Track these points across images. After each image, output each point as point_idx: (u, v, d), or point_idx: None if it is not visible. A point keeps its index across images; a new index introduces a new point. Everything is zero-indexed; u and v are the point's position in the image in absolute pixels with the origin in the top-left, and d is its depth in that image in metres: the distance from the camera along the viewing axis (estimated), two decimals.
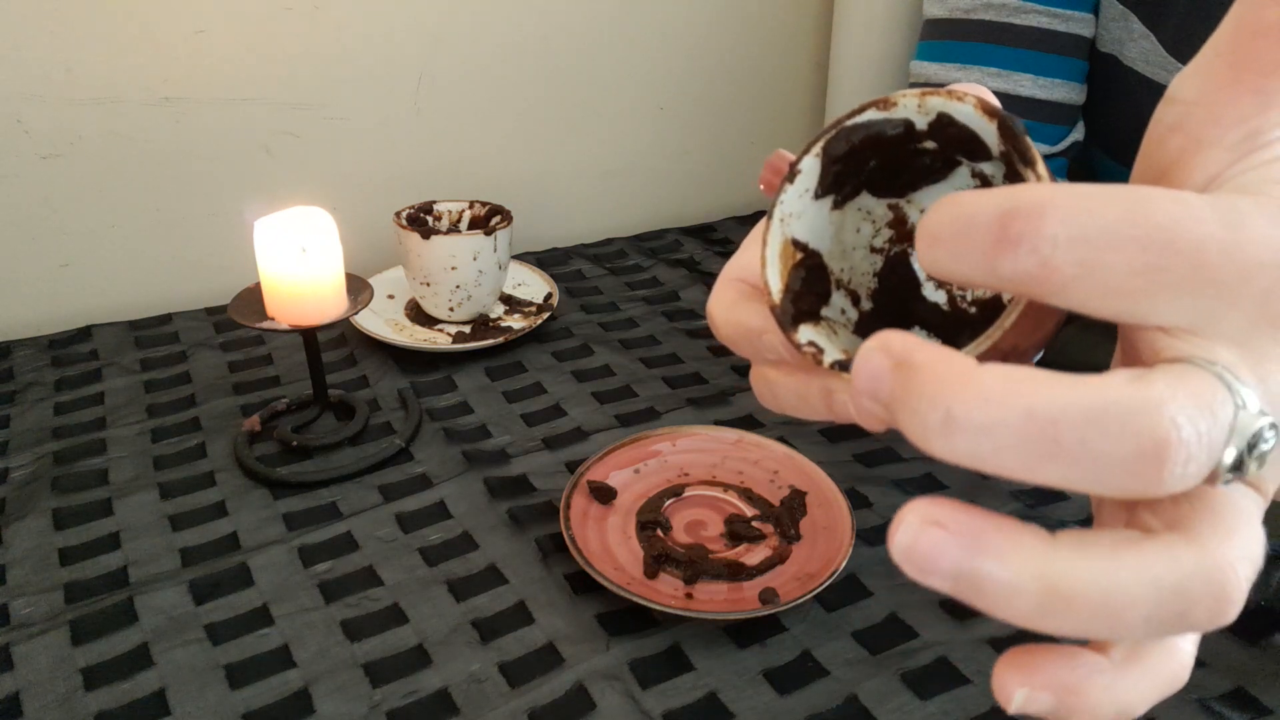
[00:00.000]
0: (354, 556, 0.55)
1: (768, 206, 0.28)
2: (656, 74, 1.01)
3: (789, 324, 0.27)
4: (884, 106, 0.26)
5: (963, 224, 0.18)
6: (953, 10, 0.61)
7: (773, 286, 0.28)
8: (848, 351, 0.28)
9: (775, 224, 0.28)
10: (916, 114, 0.26)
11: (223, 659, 0.48)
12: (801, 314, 0.28)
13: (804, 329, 0.28)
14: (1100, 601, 0.17)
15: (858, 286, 0.31)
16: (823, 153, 0.28)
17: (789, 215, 0.28)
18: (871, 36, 0.94)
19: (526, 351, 0.78)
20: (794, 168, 0.28)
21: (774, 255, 0.28)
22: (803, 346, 0.27)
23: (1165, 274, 0.18)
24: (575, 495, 0.57)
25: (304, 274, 0.59)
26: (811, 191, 0.28)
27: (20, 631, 0.49)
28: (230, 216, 0.84)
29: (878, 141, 0.27)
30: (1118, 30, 0.60)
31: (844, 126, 0.27)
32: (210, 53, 0.80)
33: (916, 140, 0.27)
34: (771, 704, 0.46)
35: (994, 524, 0.18)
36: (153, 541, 0.56)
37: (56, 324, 0.80)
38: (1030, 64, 0.59)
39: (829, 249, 0.30)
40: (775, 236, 0.28)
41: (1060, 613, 0.17)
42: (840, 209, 0.30)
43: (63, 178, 0.78)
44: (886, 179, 0.29)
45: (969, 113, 0.25)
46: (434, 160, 0.93)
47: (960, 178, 0.29)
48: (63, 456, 0.63)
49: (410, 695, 0.46)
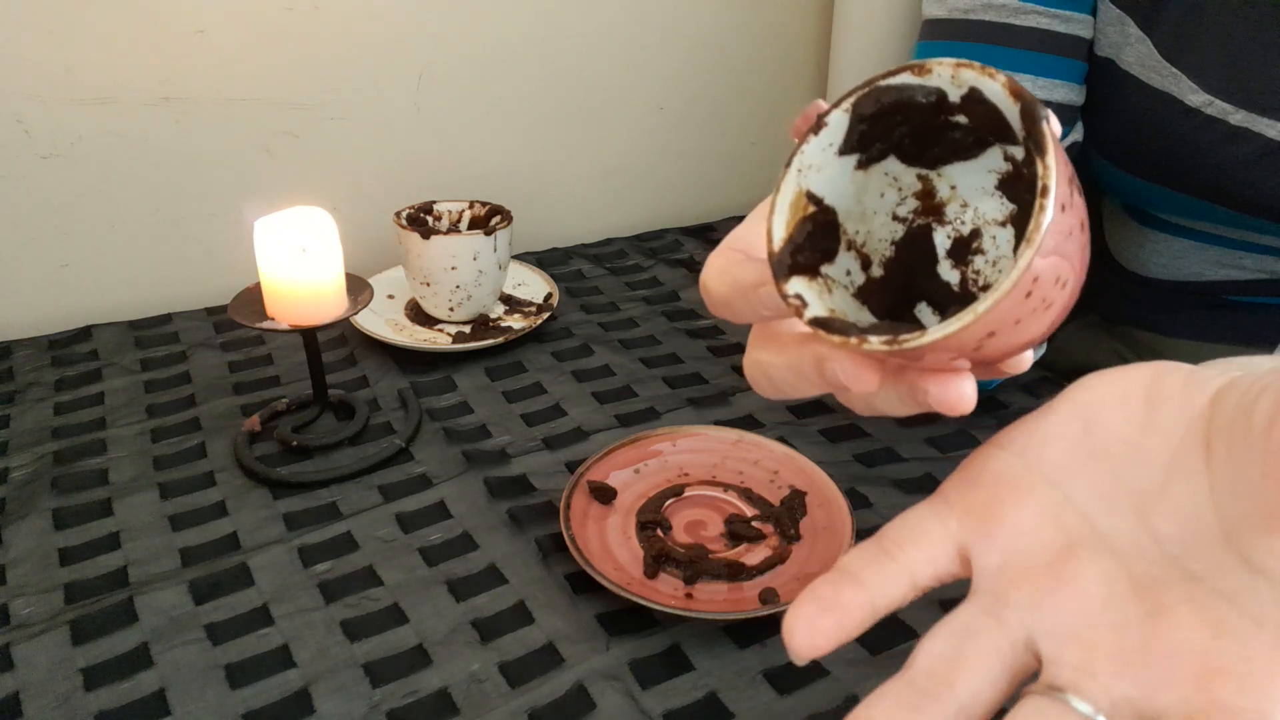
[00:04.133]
0: (354, 556, 0.55)
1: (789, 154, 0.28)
2: (656, 74, 1.01)
3: (782, 273, 0.27)
4: (919, 72, 0.26)
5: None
6: (952, 10, 0.61)
7: (775, 234, 0.28)
8: (834, 311, 0.27)
9: (792, 172, 0.28)
10: (950, 84, 0.26)
11: (223, 659, 0.48)
12: (798, 266, 0.28)
13: (796, 281, 0.27)
14: None
15: (872, 251, 0.30)
16: (852, 109, 0.27)
17: (808, 166, 0.28)
18: (871, 36, 0.94)
19: (526, 351, 0.78)
20: (821, 119, 0.27)
21: (784, 203, 0.28)
22: (789, 298, 0.27)
23: None
24: (575, 495, 0.57)
25: (304, 274, 0.59)
26: (836, 146, 0.28)
27: (20, 631, 0.49)
28: (230, 216, 0.84)
29: (908, 107, 0.27)
30: (1115, 34, 0.60)
31: (876, 86, 0.27)
32: (210, 53, 0.80)
33: (948, 112, 0.27)
34: (771, 704, 0.46)
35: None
36: (153, 541, 0.56)
37: (56, 324, 0.80)
38: (1031, 65, 0.59)
39: (846, 208, 0.29)
40: (790, 184, 0.28)
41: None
42: (865, 170, 0.29)
43: (63, 178, 0.78)
44: (917, 148, 0.29)
45: (998, 91, 0.25)
46: (434, 160, 0.93)
47: (992, 158, 0.28)
48: (63, 456, 0.63)
49: (410, 695, 0.46)
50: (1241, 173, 0.58)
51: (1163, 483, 0.24)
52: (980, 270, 0.30)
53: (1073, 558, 0.24)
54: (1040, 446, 0.26)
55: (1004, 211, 0.29)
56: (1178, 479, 0.24)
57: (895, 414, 0.28)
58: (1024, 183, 0.27)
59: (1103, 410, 0.26)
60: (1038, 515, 0.25)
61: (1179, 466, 0.24)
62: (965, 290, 0.30)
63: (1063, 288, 0.24)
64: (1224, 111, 0.57)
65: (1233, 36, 0.56)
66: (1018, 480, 0.26)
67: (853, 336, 0.25)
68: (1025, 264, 0.22)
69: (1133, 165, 0.65)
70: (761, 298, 0.28)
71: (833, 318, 0.26)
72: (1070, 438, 0.26)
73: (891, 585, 0.26)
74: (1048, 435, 0.26)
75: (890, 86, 0.26)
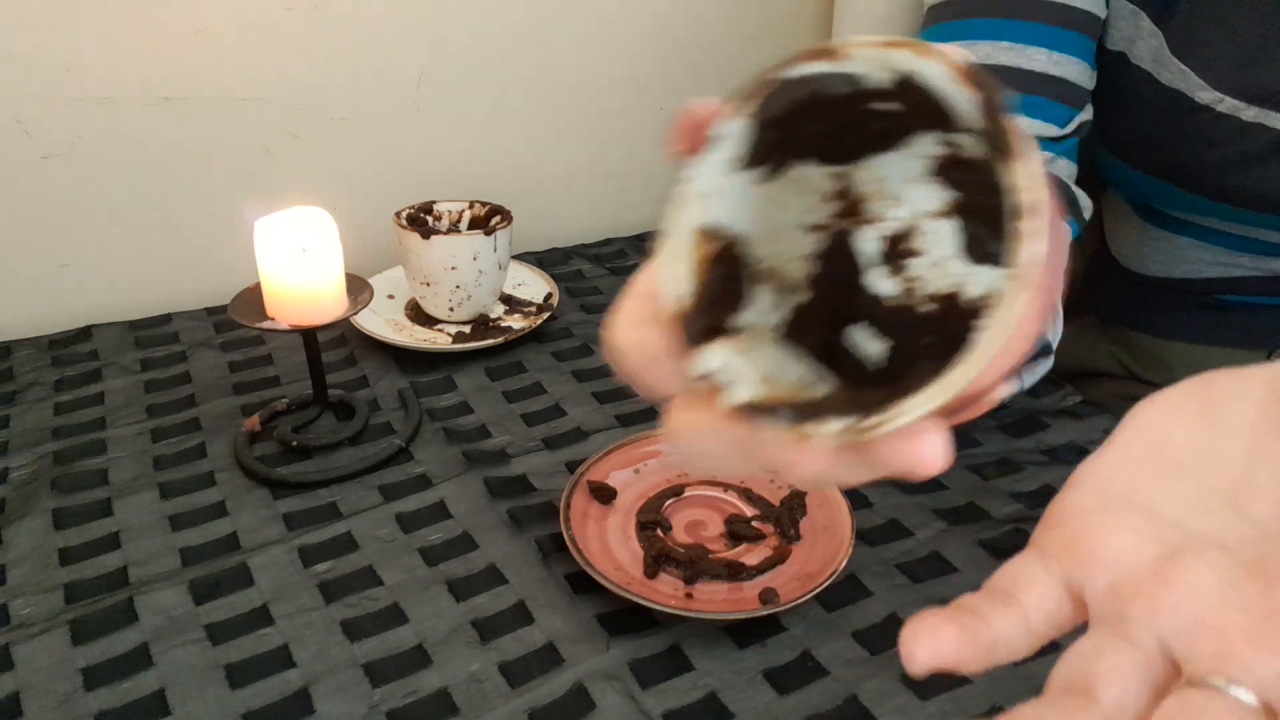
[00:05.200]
0: (354, 556, 0.55)
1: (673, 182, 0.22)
2: (656, 74, 1.01)
3: (689, 343, 0.22)
4: (833, 57, 0.21)
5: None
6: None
7: (673, 291, 0.22)
8: (766, 382, 0.22)
9: (682, 205, 0.22)
10: (876, 68, 0.21)
11: (223, 659, 0.48)
12: (710, 329, 0.22)
13: (711, 349, 0.22)
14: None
15: (790, 275, 0.25)
16: (752, 114, 0.22)
17: (704, 193, 0.22)
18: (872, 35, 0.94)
19: (526, 351, 0.78)
20: (710, 133, 0.22)
21: (680, 247, 0.22)
22: (702, 377, 0.21)
23: None
24: (575, 495, 0.57)
25: (304, 274, 0.59)
26: (734, 162, 0.22)
27: (20, 631, 0.49)
28: (230, 216, 0.84)
29: (822, 100, 0.22)
30: (1128, 28, 0.59)
31: (784, 80, 0.21)
32: (210, 53, 0.80)
33: (870, 100, 0.22)
34: (771, 704, 0.46)
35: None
36: (153, 541, 0.56)
37: (56, 324, 0.80)
38: (1043, 37, 0.57)
39: (754, 233, 0.24)
40: (684, 221, 0.22)
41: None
42: (770, 182, 0.24)
43: (63, 178, 0.78)
44: (831, 145, 0.24)
45: (939, 73, 0.20)
46: (434, 160, 0.93)
47: (921, 145, 0.23)
48: (63, 456, 0.63)
49: (410, 695, 0.46)
50: (1255, 167, 0.57)
51: (1245, 473, 0.24)
52: (922, 275, 0.25)
53: (1179, 560, 0.23)
54: (1113, 478, 0.25)
55: (941, 200, 0.24)
56: (1260, 466, 0.24)
57: (848, 484, 0.24)
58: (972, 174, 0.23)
59: (1164, 429, 0.25)
60: (1133, 535, 0.24)
61: (1257, 455, 0.24)
62: (907, 303, 0.25)
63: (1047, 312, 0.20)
64: (1235, 108, 0.56)
65: (1241, 33, 0.56)
66: (1104, 510, 0.25)
67: (793, 425, 0.20)
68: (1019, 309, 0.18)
69: (1143, 162, 0.65)
70: (670, 372, 0.23)
71: (764, 401, 0.21)
72: (1141, 460, 0.25)
73: (1009, 625, 0.23)
74: (1118, 465, 0.26)
75: (802, 79, 0.21)
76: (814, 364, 0.24)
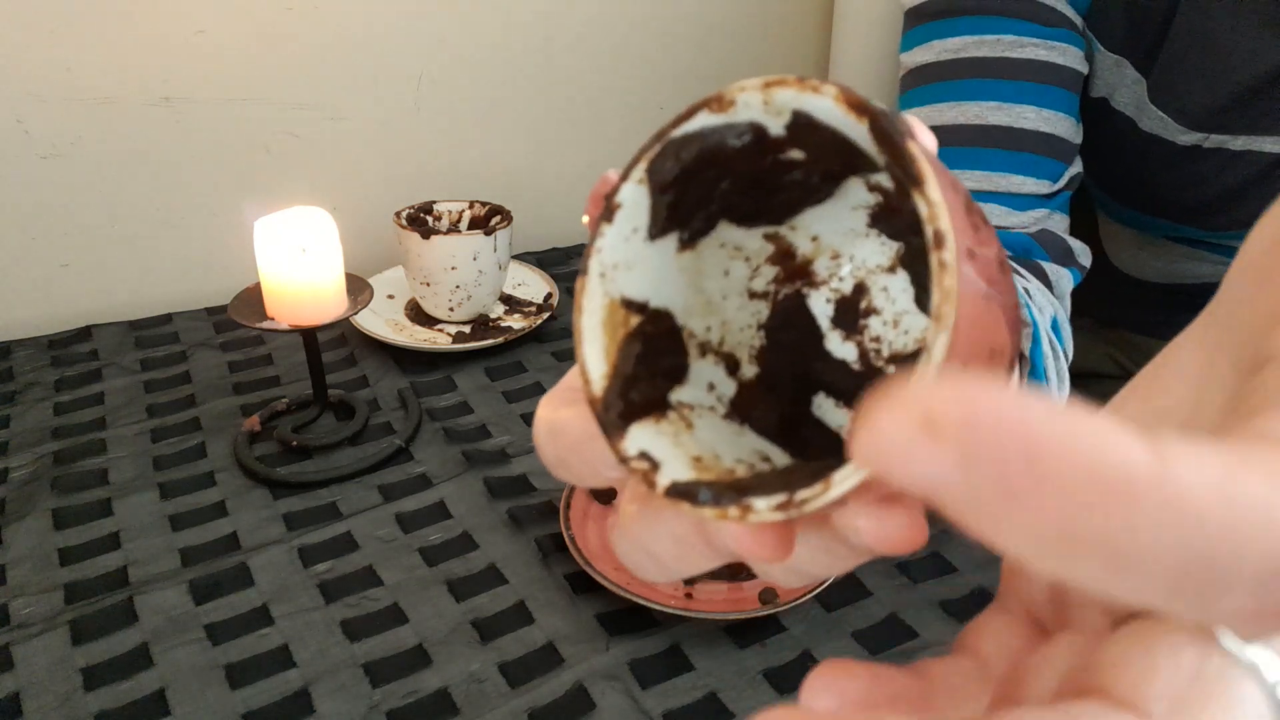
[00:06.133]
0: (354, 556, 0.55)
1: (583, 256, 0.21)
2: (656, 74, 1.01)
3: (615, 425, 0.20)
4: (718, 107, 0.20)
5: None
6: (940, 54, 0.58)
7: (592, 370, 0.20)
8: (701, 462, 0.20)
9: (593, 280, 0.21)
10: (764, 114, 0.19)
11: (223, 659, 0.48)
12: (634, 408, 0.20)
13: (637, 430, 0.20)
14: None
15: (735, 347, 0.23)
16: (647, 177, 0.21)
17: (614, 266, 0.21)
18: (871, 36, 0.94)
19: (526, 351, 0.78)
20: (610, 201, 0.21)
21: (595, 325, 0.21)
22: (630, 460, 0.19)
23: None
24: (575, 495, 0.57)
25: (304, 274, 0.59)
26: (642, 231, 0.21)
27: (20, 631, 0.49)
28: (230, 216, 0.84)
29: (720, 155, 0.20)
30: (1111, 76, 0.59)
31: (669, 139, 0.20)
32: (210, 53, 0.80)
33: (775, 150, 0.20)
34: (771, 704, 0.46)
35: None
36: (153, 541, 0.56)
37: (56, 324, 0.80)
38: (1033, 96, 0.56)
39: (684, 304, 0.22)
40: (594, 295, 0.21)
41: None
42: (692, 248, 0.22)
43: (63, 178, 0.78)
44: (753, 203, 0.22)
45: (830, 108, 0.18)
46: (434, 160, 0.93)
47: (854, 193, 0.22)
48: (63, 456, 0.63)
49: (410, 695, 0.46)
50: (1253, 189, 0.57)
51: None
52: (880, 336, 0.23)
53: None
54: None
55: (887, 254, 0.23)
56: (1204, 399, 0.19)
57: (832, 574, 0.20)
58: (904, 217, 0.21)
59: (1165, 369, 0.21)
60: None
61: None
62: (868, 366, 0.23)
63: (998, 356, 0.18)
64: (1222, 141, 0.56)
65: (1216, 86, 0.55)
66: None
67: (730, 505, 0.18)
68: (942, 353, 0.16)
69: (1135, 201, 0.65)
70: (599, 455, 0.21)
71: (696, 481, 0.19)
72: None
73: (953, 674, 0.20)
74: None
75: (688, 136, 0.20)
76: (770, 439, 0.23)
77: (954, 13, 0.58)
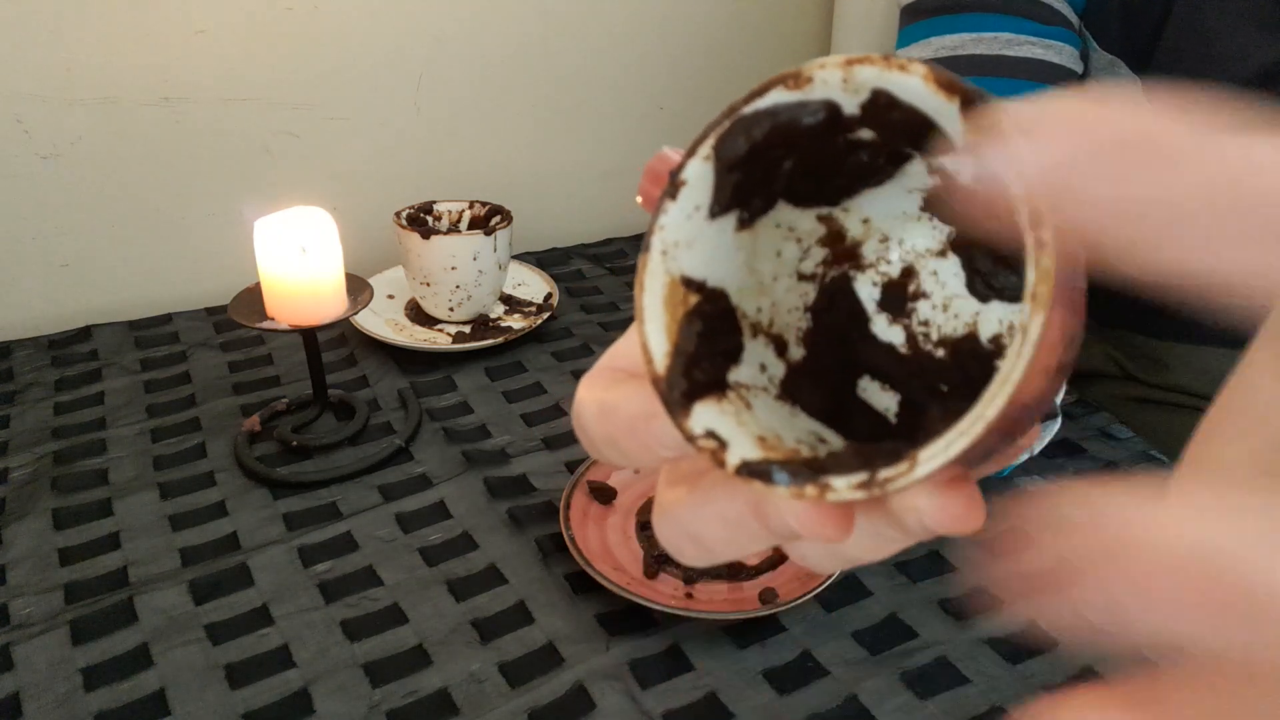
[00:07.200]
0: (354, 556, 0.55)
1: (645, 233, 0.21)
2: (656, 74, 1.01)
3: (679, 403, 0.20)
4: (794, 84, 0.19)
5: None
6: (938, 50, 0.59)
7: (655, 348, 0.20)
8: (766, 441, 0.20)
9: (655, 256, 0.21)
10: (842, 92, 0.19)
11: (223, 659, 0.48)
12: (698, 387, 0.20)
13: (701, 409, 0.20)
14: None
15: (784, 329, 0.23)
16: (715, 154, 0.20)
17: (675, 244, 0.21)
18: (871, 36, 0.94)
19: (526, 351, 0.78)
20: (676, 178, 0.20)
21: (655, 301, 0.21)
22: (697, 439, 0.20)
23: None
24: (575, 495, 0.57)
25: (304, 274, 0.59)
26: (705, 209, 0.21)
27: (20, 631, 0.49)
28: (230, 216, 0.84)
29: (791, 133, 0.20)
30: (1106, 75, 0.59)
31: (741, 116, 0.20)
32: (210, 53, 0.80)
33: (846, 129, 0.20)
34: (771, 704, 0.46)
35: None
36: (153, 541, 0.56)
37: (56, 324, 0.80)
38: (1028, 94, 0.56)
39: (739, 284, 0.22)
40: (656, 274, 0.21)
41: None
42: (750, 228, 0.22)
43: (63, 178, 0.78)
44: (812, 181, 0.22)
45: (917, 87, 0.18)
46: (434, 160, 0.93)
47: (912, 175, 0.21)
48: (63, 456, 0.63)
49: (410, 695, 0.46)
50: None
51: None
52: (929, 320, 0.23)
53: None
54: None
55: (938, 238, 0.22)
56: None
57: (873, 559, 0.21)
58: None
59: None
60: None
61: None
62: (915, 349, 0.23)
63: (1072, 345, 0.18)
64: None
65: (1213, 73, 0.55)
66: None
67: (807, 484, 0.18)
68: (1036, 333, 0.16)
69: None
70: (656, 434, 0.21)
71: (767, 459, 0.19)
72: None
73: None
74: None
75: (761, 113, 0.20)
76: (819, 421, 0.23)
77: (952, 10, 0.58)
